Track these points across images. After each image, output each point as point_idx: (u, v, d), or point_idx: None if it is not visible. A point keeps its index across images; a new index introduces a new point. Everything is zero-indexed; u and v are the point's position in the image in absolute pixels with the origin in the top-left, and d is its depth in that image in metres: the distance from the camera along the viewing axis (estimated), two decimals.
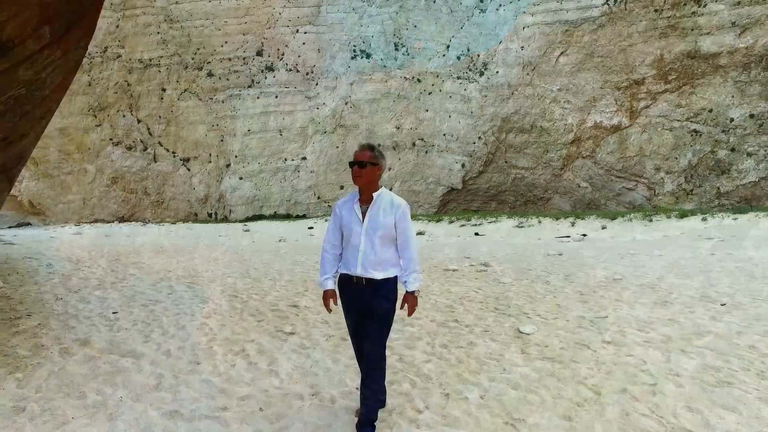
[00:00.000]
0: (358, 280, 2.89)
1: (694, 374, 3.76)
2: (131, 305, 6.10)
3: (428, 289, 7.12)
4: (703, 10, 29.97)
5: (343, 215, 2.99)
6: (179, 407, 3.33)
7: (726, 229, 19.70)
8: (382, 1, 33.86)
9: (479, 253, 12.35)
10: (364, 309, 2.91)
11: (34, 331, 4.91)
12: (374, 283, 2.87)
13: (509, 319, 5.43)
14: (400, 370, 3.94)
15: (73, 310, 5.76)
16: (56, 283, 7.26)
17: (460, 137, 32.30)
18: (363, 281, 2.88)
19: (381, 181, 3.11)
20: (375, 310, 2.86)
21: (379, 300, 2.86)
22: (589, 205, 32.04)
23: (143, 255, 11.06)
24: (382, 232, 2.86)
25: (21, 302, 6.04)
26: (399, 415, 3.16)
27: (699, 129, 30.09)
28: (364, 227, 2.88)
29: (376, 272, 2.86)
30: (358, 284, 2.90)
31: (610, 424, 2.99)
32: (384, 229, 2.86)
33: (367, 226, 2.88)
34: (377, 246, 2.86)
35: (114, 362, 4.17)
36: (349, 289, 2.97)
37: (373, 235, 2.86)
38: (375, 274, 2.86)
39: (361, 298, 2.91)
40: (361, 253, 2.87)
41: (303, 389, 3.61)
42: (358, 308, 2.95)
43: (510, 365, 4.03)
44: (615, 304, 6.09)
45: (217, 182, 34.47)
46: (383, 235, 2.86)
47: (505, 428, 2.99)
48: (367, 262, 2.86)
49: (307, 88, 34.01)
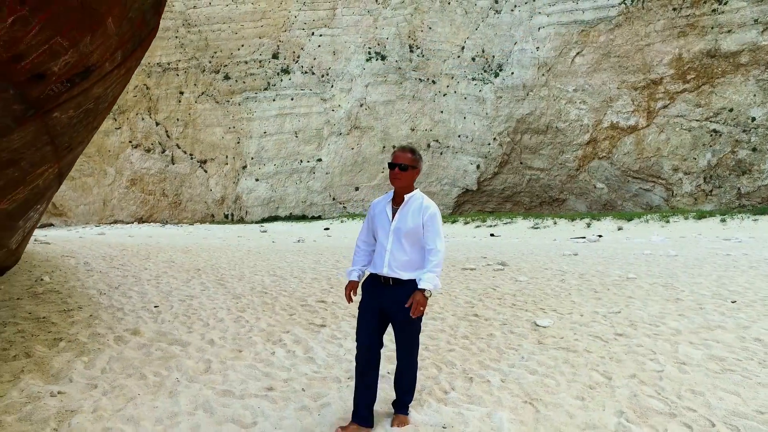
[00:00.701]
0: (385, 280, 2.95)
1: (700, 362, 4.09)
2: (169, 300, 6.58)
3: (449, 287, 7.51)
4: (724, 7, 29.75)
5: (375, 215, 3.07)
6: (230, 387, 3.76)
7: (745, 230, 19.73)
8: (396, 3, 34.30)
9: (496, 252, 12.68)
10: (388, 309, 2.96)
11: (88, 321, 5.41)
12: (401, 283, 2.92)
13: (526, 314, 5.79)
14: (426, 358, 4.34)
15: (118, 303, 6.26)
16: (96, 280, 7.80)
17: (475, 138, 32.56)
18: (390, 281, 2.93)
19: None
20: (402, 316, 2.88)
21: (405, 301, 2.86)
22: (606, 206, 32.03)
23: (170, 254, 11.62)
24: (408, 233, 2.90)
25: (69, 296, 6.56)
26: (428, 395, 3.56)
27: (719, 129, 29.94)
28: (391, 227, 2.94)
29: (402, 272, 2.91)
30: (385, 284, 2.96)
31: (618, 404, 3.35)
32: (410, 231, 2.90)
33: (395, 227, 2.93)
34: (403, 246, 2.91)
35: (164, 349, 4.63)
36: (374, 288, 3.02)
37: (399, 236, 2.91)
38: (401, 274, 2.91)
39: (385, 297, 2.95)
40: (388, 253, 2.93)
41: (339, 373, 4.03)
42: (380, 306, 2.98)
43: (528, 354, 4.40)
44: (627, 300, 6.42)
45: (234, 184, 35.21)
46: (409, 236, 2.91)
47: (524, 406, 3.36)
48: (394, 262, 2.92)
49: (322, 90, 34.59)
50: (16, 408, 3.34)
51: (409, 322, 2.91)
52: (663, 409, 3.24)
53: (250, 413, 3.34)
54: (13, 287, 6.99)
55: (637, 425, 3.03)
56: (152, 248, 12.90)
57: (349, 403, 3.46)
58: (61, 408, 3.35)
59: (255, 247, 15.37)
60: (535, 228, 24.59)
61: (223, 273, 8.86)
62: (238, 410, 3.36)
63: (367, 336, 3.01)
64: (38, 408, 3.34)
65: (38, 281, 7.34)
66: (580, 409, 3.29)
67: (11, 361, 4.20)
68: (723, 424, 3.02)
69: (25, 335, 4.89)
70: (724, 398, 3.36)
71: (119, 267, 9.12)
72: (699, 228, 20.96)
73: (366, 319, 3.03)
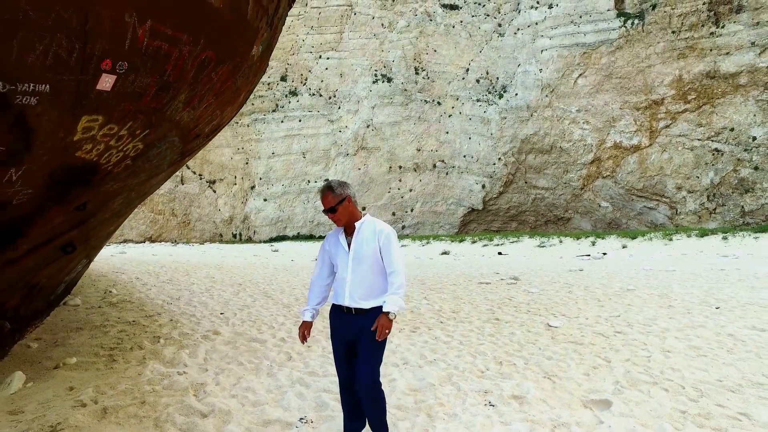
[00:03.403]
0: (348, 310, 2.99)
1: (681, 351, 5.30)
2: (229, 308, 7.79)
3: (470, 297, 8.72)
4: (722, 30, 31.38)
5: (331, 248, 3.09)
6: (312, 370, 4.95)
7: (746, 247, 20.94)
8: (402, 27, 36.10)
9: (507, 269, 13.91)
10: (354, 338, 2.99)
11: (172, 324, 6.61)
12: (364, 312, 2.96)
13: (540, 317, 7.01)
14: (462, 349, 5.54)
15: (189, 311, 7.47)
16: (156, 292, 9.00)
17: (480, 158, 33.98)
18: (353, 311, 2.97)
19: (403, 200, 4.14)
20: (366, 334, 2.92)
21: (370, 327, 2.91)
22: (610, 224, 33.24)
23: (207, 271, 12.84)
24: (368, 260, 2.94)
25: (142, 305, 7.77)
26: (469, 373, 4.76)
27: (720, 148, 31.37)
28: (350, 257, 2.97)
29: (365, 302, 2.95)
30: (348, 314, 3.00)
31: (615, 377, 4.55)
32: (369, 257, 2.94)
33: (353, 256, 2.96)
34: (364, 275, 2.95)
35: (247, 345, 5.83)
36: (339, 320, 3.06)
37: (359, 265, 2.95)
38: (363, 304, 2.95)
39: (350, 328, 2.99)
40: (349, 284, 2.96)
41: (396, 360, 5.23)
42: (348, 338, 3.02)
43: (544, 346, 5.61)
44: (626, 307, 7.64)
45: (242, 204, 36.55)
46: (369, 263, 2.95)
47: (544, 380, 4.56)
48: (355, 292, 2.95)
49: (329, 112, 36.17)
50: (156, 381, 4.55)
51: (373, 347, 2.94)
52: (648, 380, 4.44)
53: (336, 386, 4.55)
54: (88, 298, 8.19)
55: (628, 389, 4.23)
56: (189, 266, 14.13)
57: (411, 380, 4.66)
58: (192, 382, 4.56)
59: (280, 264, 16.61)
60: (541, 246, 25.78)
61: (264, 287, 10.08)
62: (327, 384, 4.55)
63: (344, 371, 3.11)
64: (174, 381, 4.55)
65: (107, 293, 8.55)
66: (586, 380, 4.49)
67: (130, 352, 5.42)
68: (691, 388, 4.22)
69: (128, 334, 6.10)
70: (695, 373, 4.57)
71: (168, 282, 10.34)
72: (701, 246, 22.16)
73: (339, 355, 3.11)
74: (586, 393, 4.18)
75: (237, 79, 3.77)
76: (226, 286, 10.00)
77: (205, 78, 3.25)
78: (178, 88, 3.08)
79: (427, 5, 35.48)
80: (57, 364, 5.00)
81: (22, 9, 2.01)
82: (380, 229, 2.98)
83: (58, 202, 3.32)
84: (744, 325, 6.30)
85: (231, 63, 3.45)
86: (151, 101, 2.96)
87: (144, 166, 3.80)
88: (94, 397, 4.15)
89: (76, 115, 2.55)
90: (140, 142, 3.29)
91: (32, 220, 3.29)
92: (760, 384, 4.24)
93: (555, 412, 3.78)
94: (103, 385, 4.41)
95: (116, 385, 4.41)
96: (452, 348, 5.61)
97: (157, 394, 4.29)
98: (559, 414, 3.74)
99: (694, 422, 3.55)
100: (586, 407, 3.89)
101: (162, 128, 3.34)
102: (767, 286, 9.34)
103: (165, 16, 2.56)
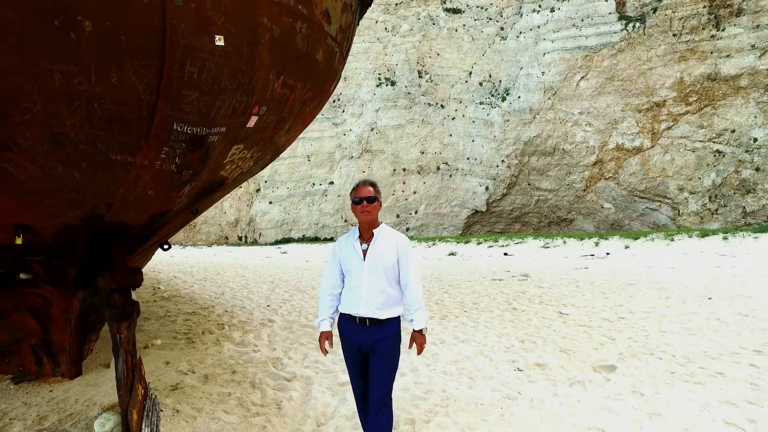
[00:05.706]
0: (361, 320, 2.90)
1: (674, 332, 6.40)
2: (273, 301, 8.86)
3: (487, 291, 9.82)
4: (722, 33, 32.58)
5: (343, 254, 3.04)
6: None
7: (745, 247, 22.07)
8: (405, 31, 37.24)
9: (516, 267, 15.01)
10: (368, 350, 2.92)
11: (229, 315, 7.68)
12: (378, 323, 2.89)
13: (552, 307, 8.10)
14: (489, 330, 6.62)
15: (238, 304, 8.53)
16: (198, 289, 10.07)
17: (484, 161, 35.11)
18: (366, 322, 2.89)
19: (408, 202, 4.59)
20: (380, 351, 2.87)
21: (385, 340, 2.88)
22: (613, 225, 34.36)
23: (235, 270, 13.91)
24: (385, 270, 2.91)
25: (193, 299, 8.83)
26: (497, 348, 5.83)
27: (722, 149, 32.55)
28: (366, 266, 2.92)
29: (380, 312, 2.88)
30: (361, 325, 2.90)
31: (618, 350, 5.64)
32: (387, 267, 2.91)
33: (369, 265, 2.91)
34: (380, 285, 2.89)
35: (301, 329, 6.89)
36: (351, 330, 2.95)
37: (375, 274, 2.90)
38: (379, 314, 2.87)
39: (365, 339, 2.91)
40: (364, 293, 2.89)
41: (434, 340, 6.31)
42: (361, 349, 2.95)
43: (558, 329, 6.70)
44: (628, 298, 8.74)
45: (248, 206, 37.59)
46: (386, 274, 2.91)
47: (560, 353, 5.64)
48: (371, 301, 2.88)
49: (334, 115, 37.27)
50: (236, 357, 5.62)
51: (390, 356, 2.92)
52: (646, 352, 5.54)
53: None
54: (139, 293, 9.24)
55: (630, 358, 5.32)
56: (217, 266, 15.21)
57: (450, 355, 5.74)
58: (268, 357, 5.62)
59: (297, 265, 17.69)
60: (545, 247, 26.88)
61: (295, 284, 11.15)
62: None
63: (358, 383, 3.05)
64: (252, 357, 5.62)
65: (156, 289, 9.61)
66: (595, 353, 5.58)
67: (203, 335, 6.47)
68: (681, 357, 5.31)
69: (194, 322, 7.16)
70: (685, 346, 5.67)
71: (204, 280, 11.40)
72: (702, 246, 23.28)
73: (352, 366, 3.04)
74: (595, 361, 5.26)
75: (318, 108, 4.88)
76: (259, 284, 11.06)
77: (303, 112, 4.34)
78: (287, 120, 4.18)
79: (430, 9, 36.66)
80: (146, 344, 6.05)
81: (223, 80, 3.10)
82: (399, 239, 3.01)
83: (187, 208, 4.40)
84: (731, 312, 7.40)
85: (319, 98, 4.55)
86: (270, 132, 4.07)
87: (241, 178, 4.90)
88: (190, 368, 5.21)
89: (231, 146, 3.65)
90: (252, 161, 4.39)
91: (168, 220, 4.37)
92: (736, 353, 5.34)
93: (571, 374, 4.87)
94: (193, 360, 5.48)
95: (204, 360, 5.48)
96: (479, 331, 6.69)
97: (242, 365, 5.35)
98: (575, 375, 4.82)
99: (681, 379, 4.64)
100: (596, 371, 4.97)
101: (268, 150, 4.44)
102: (757, 281, 10.46)
103: (291, 72, 3.65)
